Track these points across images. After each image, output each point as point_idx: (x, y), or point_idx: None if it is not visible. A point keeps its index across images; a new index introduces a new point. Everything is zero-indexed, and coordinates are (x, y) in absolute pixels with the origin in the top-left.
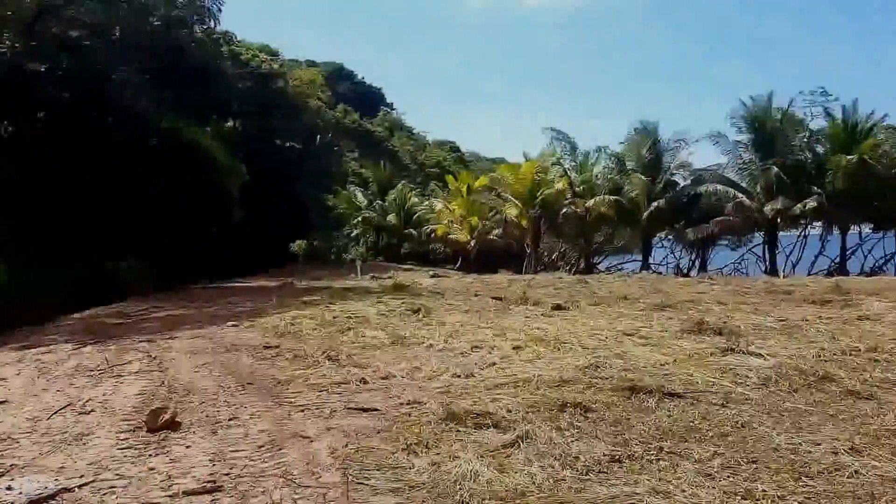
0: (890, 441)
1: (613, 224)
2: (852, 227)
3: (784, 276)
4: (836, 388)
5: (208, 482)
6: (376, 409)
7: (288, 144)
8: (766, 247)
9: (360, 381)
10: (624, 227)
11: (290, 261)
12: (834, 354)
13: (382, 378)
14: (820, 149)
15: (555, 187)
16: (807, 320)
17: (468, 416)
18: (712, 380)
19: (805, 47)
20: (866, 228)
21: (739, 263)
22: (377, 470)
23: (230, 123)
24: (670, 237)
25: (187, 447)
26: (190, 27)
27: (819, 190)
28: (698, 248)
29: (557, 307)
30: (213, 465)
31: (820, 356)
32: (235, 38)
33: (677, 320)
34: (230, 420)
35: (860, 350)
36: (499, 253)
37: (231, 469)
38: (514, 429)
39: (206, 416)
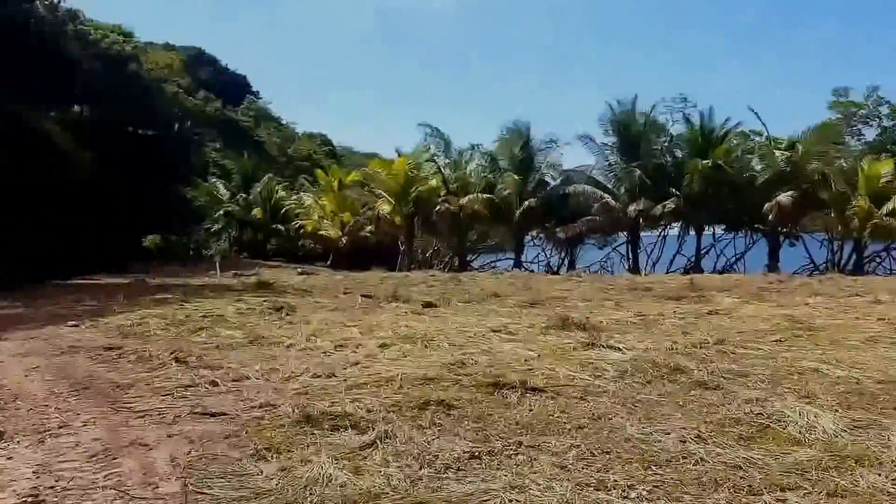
0: (734, 429)
1: (487, 222)
2: (707, 228)
3: (645, 274)
4: (686, 379)
5: (30, 497)
6: (225, 414)
7: (142, 132)
8: (630, 246)
9: (210, 384)
10: (497, 225)
11: (145, 257)
12: (685, 347)
13: (235, 380)
14: (679, 153)
15: (429, 184)
16: (663, 315)
17: (325, 417)
18: (573, 374)
19: (671, 50)
20: (719, 229)
21: (605, 261)
22: (221, 478)
23: (76, 109)
24: (542, 236)
25: (9, 458)
26: (30, 1)
27: (677, 192)
28: (568, 246)
29: (428, 305)
30: (37, 477)
31: (673, 349)
32: (83, 16)
33: (544, 317)
34: (60, 428)
35: (709, 343)
36: (372, 250)
37: (57, 482)
38: (373, 429)
39: (33, 425)
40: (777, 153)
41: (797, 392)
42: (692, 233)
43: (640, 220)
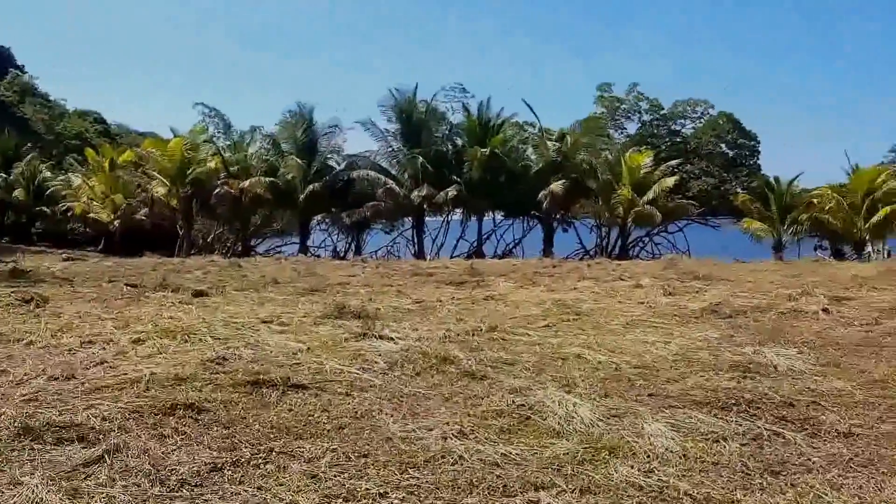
0: (496, 421)
1: (271, 206)
2: (488, 214)
3: (430, 259)
4: (454, 369)
5: None
6: None
7: None
8: (415, 231)
9: None
10: (282, 209)
11: None
12: (459, 335)
13: None
14: (460, 141)
15: (207, 166)
16: (441, 301)
17: (50, 428)
18: (341, 367)
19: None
20: (499, 215)
21: (392, 247)
22: None
23: None
24: (327, 220)
25: None
26: None
27: (458, 179)
28: (354, 231)
29: (199, 293)
30: None
31: (446, 337)
32: None
33: (322, 305)
34: None
35: (482, 330)
36: (149, 235)
37: None
38: (104, 441)
39: None
40: (549, 144)
41: (559, 380)
42: (474, 219)
43: (425, 206)
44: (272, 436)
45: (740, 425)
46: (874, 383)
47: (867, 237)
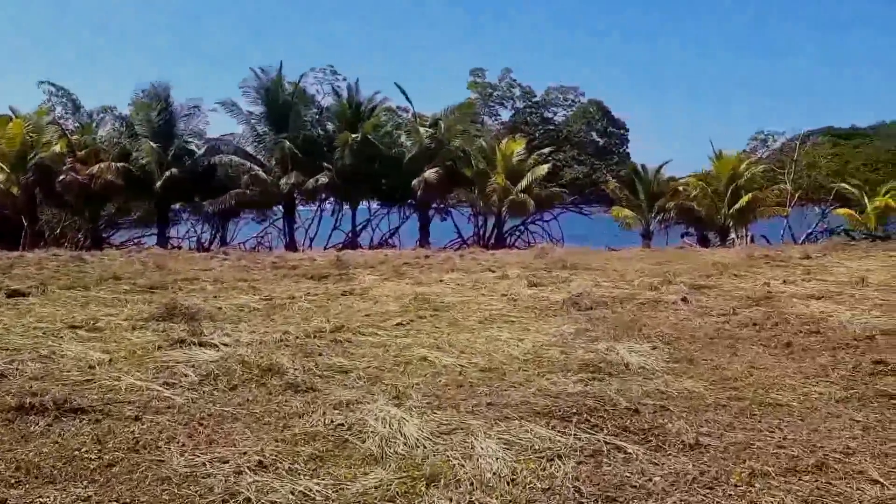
0: (306, 447)
1: (125, 194)
2: (363, 203)
3: (302, 251)
4: (277, 381)
5: None
6: None
7: None
8: (286, 221)
9: None
10: (138, 197)
11: None
12: (297, 338)
13: None
14: (331, 126)
15: (52, 150)
16: (293, 298)
17: None
18: (142, 383)
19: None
20: (375, 204)
21: (263, 237)
22: None
23: None
24: (188, 210)
25: None
26: None
27: (329, 166)
28: (219, 221)
29: (15, 293)
30: None
31: (282, 341)
32: None
33: (156, 304)
34: None
35: (325, 331)
36: None
37: None
38: None
39: None
40: (422, 130)
41: (393, 390)
42: (347, 207)
43: (295, 194)
44: (14, 480)
45: (579, 439)
46: (726, 382)
47: (731, 224)
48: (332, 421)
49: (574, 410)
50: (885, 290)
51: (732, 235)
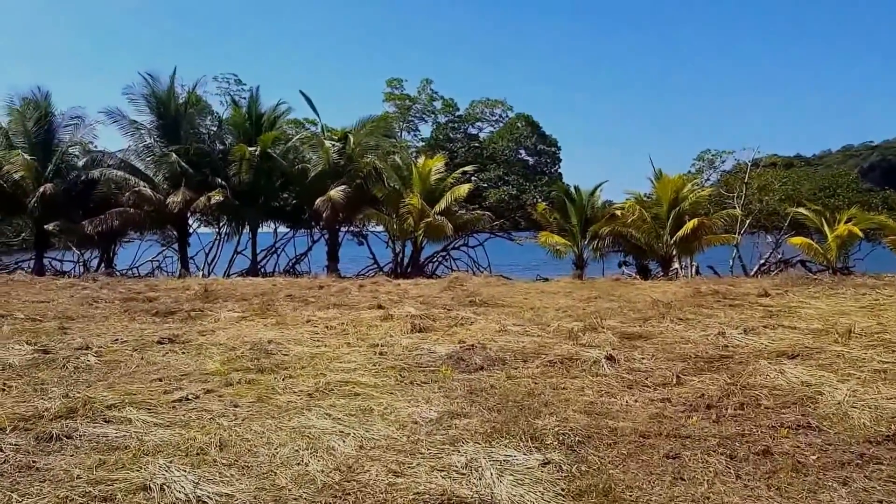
0: None
1: None
2: (267, 225)
3: (194, 277)
4: None
5: None
6: None
7: None
8: (179, 244)
9: None
10: (11, 216)
11: None
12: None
13: None
14: (230, 139)
15: None
16: (87, 348)
17: None
18: None
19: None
20: (282, 227)
21: (162, 261)
22: None
23: None
24: (61, 230)
25: None
26: None
27: (224, 183)
28: (104, 242)
29: None
30: None
31: None
32: None
33: None
34: None
35: (48, 414)
36: None
37: None
38: None
39: None
40: (328, 143)
41: None
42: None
43: (188, 215)
44: None
45: None
46: None
47: (674, 252)
48: None
49: None
50: (880, 346)
51: (676, 265)
